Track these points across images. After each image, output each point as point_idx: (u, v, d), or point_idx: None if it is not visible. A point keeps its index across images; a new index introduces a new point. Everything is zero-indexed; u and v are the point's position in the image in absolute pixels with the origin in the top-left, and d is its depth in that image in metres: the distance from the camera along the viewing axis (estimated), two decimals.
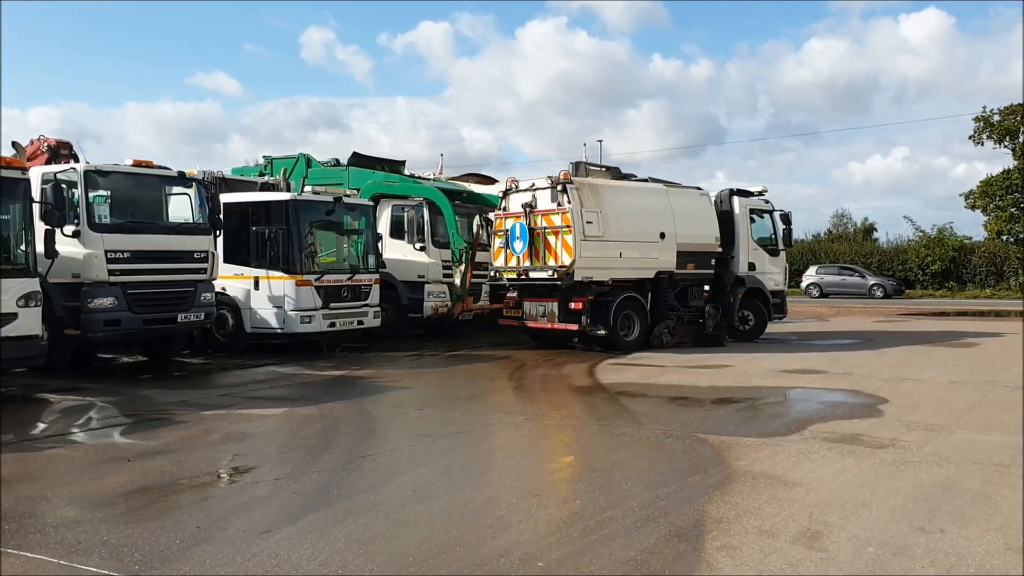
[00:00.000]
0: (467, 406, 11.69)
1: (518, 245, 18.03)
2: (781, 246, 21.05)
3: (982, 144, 44.85)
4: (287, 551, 5.58)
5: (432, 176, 23.90)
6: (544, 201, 17.72)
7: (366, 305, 17.59)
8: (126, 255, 13.63)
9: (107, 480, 7.49)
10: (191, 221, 14.80)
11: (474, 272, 19.90)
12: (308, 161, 21.23)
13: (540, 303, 18.20)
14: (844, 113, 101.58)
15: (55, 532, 5.96)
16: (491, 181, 24.25)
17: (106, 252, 13.37)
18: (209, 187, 15.49)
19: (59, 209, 12.71)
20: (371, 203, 18.95)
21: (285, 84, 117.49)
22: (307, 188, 17.36)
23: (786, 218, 21.02)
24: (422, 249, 19.77)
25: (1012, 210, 43.87)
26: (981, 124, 44.02)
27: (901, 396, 11.90)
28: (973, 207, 45.75)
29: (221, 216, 15.45)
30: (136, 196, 14.39)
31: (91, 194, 13.46)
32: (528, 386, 13.78)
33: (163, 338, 15.35)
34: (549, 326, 18.21)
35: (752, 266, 20.27)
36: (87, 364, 15.04)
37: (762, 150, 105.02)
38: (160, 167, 14.73)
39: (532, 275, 17.93)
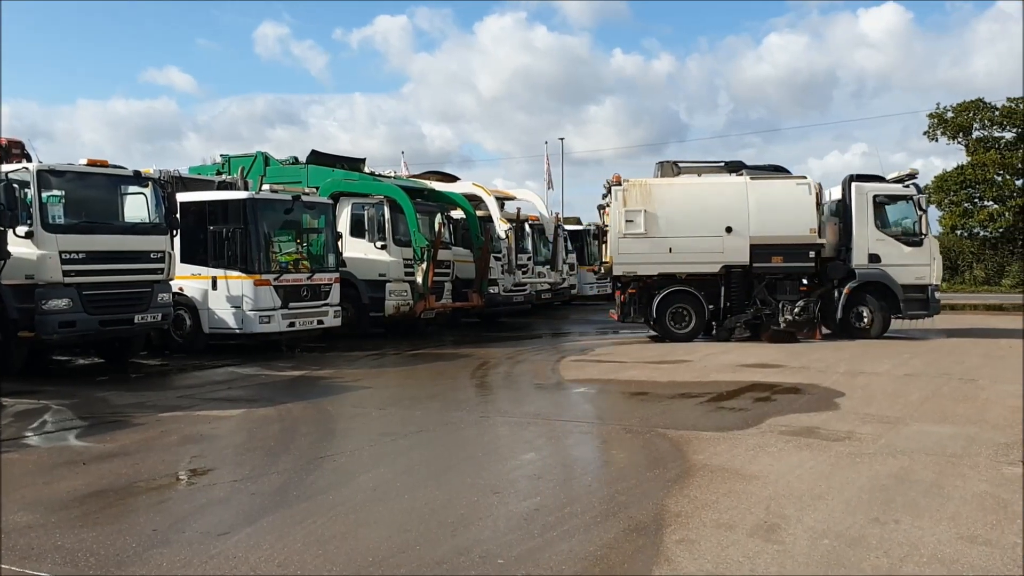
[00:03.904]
0: (428, 405, 11.67)
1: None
2: (927, 235, 19.16)
3: (936, 140, 45.51)
4: (245, 552, 5.54)
5: (392, 174, 23.81)
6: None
7: (326, 304, 17.49)
8: (81, 256, 13.42)
9: (62, 484, 7.38)
10: (147, 221, 14.62)
11: (436, 270, 19.87)
12: (266, 159, 21.03)
13: (619, 296, 19.57)
14: (804, 108, 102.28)
15: (7, 538, 5.86)
16: (453, 179, 24.21)
17: (60, 253, 13.15)
18: (165, 186, 15.28)
19: (11, 209, 12.52)
20: (330, 201, 18.83)
21: (240, 80, 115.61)
22: (265, 187, 17.22)
23: (918, 204, 19.17)
24: (383, 247, 19.66)
25: (966, 205, 44.52)
26: (935, 120, 44.67)
27: (857, 389, 12.07)
28: (928, 202, 46.43)
29: (178, 216, 15.25)
30: (91, 196, 14.17)
31: (44, 194, 13.21)
32: (490, 384, 13.80)
33: (120, 339, 15.16)
34: (614, 317, 19.76)
35: (875, 258, 18.87)
36: (42, 367, 14.81)
37: (723, 146, 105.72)
38: (115, 166, 14.51)
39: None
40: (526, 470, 7.94)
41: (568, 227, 31.76)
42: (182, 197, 16.32)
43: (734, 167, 19.69)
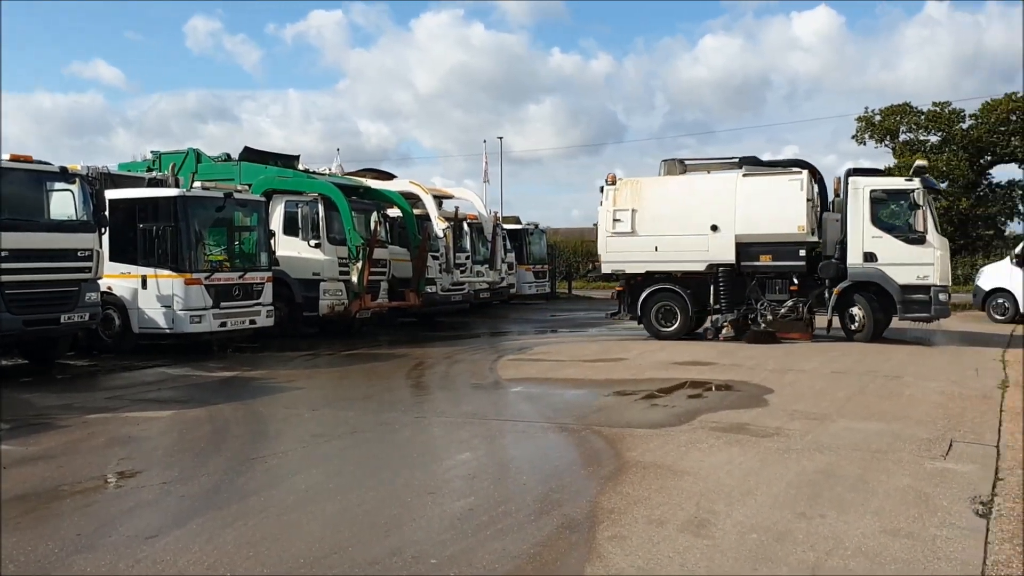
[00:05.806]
0: (362, 405, 11.59)
1: None
2: (929, 232, 17.65)
3: (864, 143, 46.43)
4: (174, 555, 5.45)
5: (327, 171, 23.57)
6: None
7: (258, 304, 17.24)
8: (4, 254, 13.02)
9: None
10: (74, 218, 14.26)
11: (372, 269, 19.72)
12: (198, 156, 20.64)
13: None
14: (737, 111, 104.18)
15: None
16: (389, 176, 24.04)
17: None
18: (93, 183, 14.94)
19: None
20: (263, 199, 18.56)
21: (171, 75, 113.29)
22: (197, 184, 16.91)
23: (916, 199, 17.80)
24: (317, 246, 19.47)
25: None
26: (863, 124, 45.62)
27: (786, 386, 12.30)
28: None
29: (106, 213, 14.92)
30: (14, 192, 13.71)
31: None
32: (426, 384, 13.77)
33: (45, 340, 14.75)
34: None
35: (870, 256, 17.72)
36: None
37: (659, 148, 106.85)
38: (40, 162, 14.12)
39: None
40: (461, 470, 7.94)
41: (507, 226, 31.88)
42: (111, 194, 15.97)
43: (748, 163, 18.92)
